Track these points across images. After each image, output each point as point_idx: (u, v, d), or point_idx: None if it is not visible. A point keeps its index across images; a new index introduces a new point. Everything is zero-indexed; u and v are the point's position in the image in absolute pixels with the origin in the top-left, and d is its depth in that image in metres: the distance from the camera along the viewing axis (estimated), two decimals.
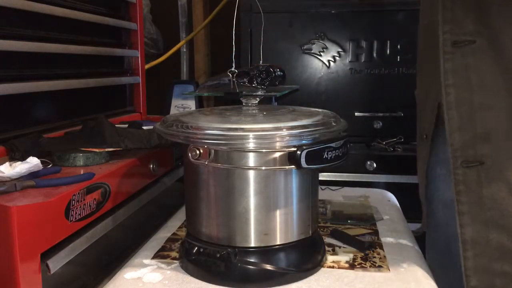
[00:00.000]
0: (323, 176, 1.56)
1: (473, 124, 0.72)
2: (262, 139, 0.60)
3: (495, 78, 0.71)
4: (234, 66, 0.73)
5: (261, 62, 0.80)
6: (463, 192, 0.73)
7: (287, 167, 0.62)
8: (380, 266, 0.70)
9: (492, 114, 0.71)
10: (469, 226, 0.73)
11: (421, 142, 0.91)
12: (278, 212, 0.65)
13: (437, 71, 0.75)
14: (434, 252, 0.79)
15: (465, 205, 0.73)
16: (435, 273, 0.72)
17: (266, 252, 0.65)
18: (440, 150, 0.81)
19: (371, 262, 0.71)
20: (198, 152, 0.63)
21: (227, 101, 1.62)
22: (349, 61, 1.56)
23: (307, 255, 0.68)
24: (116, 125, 0.96)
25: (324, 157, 0.62)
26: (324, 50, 1.56)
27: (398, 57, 1.54)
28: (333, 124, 0.66)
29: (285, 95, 1.36)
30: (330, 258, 0.72)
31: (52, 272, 0.61)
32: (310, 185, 0.68)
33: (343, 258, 0.72)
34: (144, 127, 0.97)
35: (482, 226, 0.72)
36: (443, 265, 0.77)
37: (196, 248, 0.67)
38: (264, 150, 0.62)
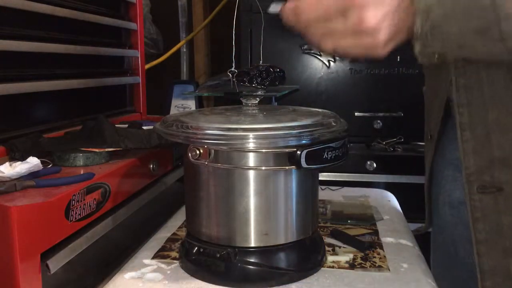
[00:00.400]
0: (323, 176, 1.55)
1: (490, 146, 0.67)
2: (262, 139, 0.60)
3: (509, 94, 0.66)
4: (234, 66, 0.73)
5: (261, 62, 0.80)
6: (480, 219, 0.68)
7: (287, 167, 0.62)
8: (380, 266, 0.70)
9: (509, 135, 0.66)
10: (487, 256, 0.68)
11: (427, 142, 0.90)
12: (278, 212, 0.65)
13: (443, 71, 0.72)
14: (439, 253, 0.78)
15: (483, 233, 0.68)
16: (440, 274, 0.71)
17: (266, 252, 0.65)
18: (447, 151, 0.80)
19: (371, 262, 0.71)
20: (198, 152, 0.63)
21: (227, 101, 1.62)
22: (349, 61, 1.56)
23: (307, 255, 0.68)
24: (116, 125, 0.96)
25: (324, 157, 0.62)
26: None
27: (398, 57, 1.54)
28: (333, 124, 0.66)
29: (285, 95, 1.36)
30: (330, 258, 0.72)
31: (52, 272, 0.61)
32: (310, 185, 0.68)
33: (343, 258, 0.72)
34: (144, 127, 0.97)
35: (502, 256, 0.68)
36: (448, 266, 0.76)
37: (196, 248, 0.67)
38: (264, 150, 0.62)
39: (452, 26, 0.51)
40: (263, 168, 0.63)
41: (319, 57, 1.57)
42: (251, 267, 0.64)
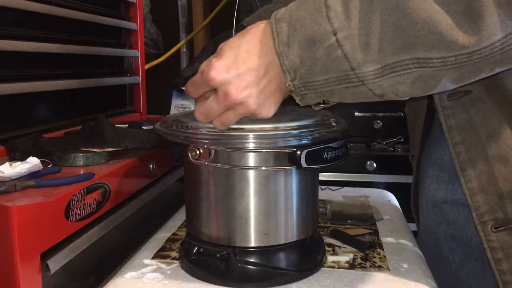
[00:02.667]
0: (323, 176, 1.55)
1: (495, 182, 0.66)
2: (262, 139, 0.60)
3: (503, 127, 0.66)
4: None
5: None
6: (503, 260, 0.67)
7: (287, 167, 0.62)
8: (380, 266, 0.70)
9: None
10: None
11: (411, 160, 0.91)
12: (278, 212, 0.65)
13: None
14: (424, 252, 0.79)
15: (508, 275, 0.67)
16: None
17: (266, 252, 0.65)
18: (432, 151, 0.81)
19: (371, 262, 0.71)
20: (198, 152, 0.63)
21: None
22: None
23: (307, 255, 0.68)
24: (116, 125, 0.96)
25: (324, 157, 0.62)
26: None
27: None
28: (333, 124, 0.66)
29: None
30: (330, 258, 0.72)
31: (52, 272, 0.61)
32: (310, 185, 0.68)
33: (343, 258, 0.72)
34: (144, 127, 0.97)
35: None
36: (433, 265, 0.77)
37: (196, 248, 0.67)
38: (264, 150, 0.62)
39: (317, 79, 0.56)
40: (263, 168, 0.63)
41: None
42: (251, 267, 0.64)
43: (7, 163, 0.68)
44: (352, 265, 0.70)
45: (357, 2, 0.53)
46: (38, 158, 0.70)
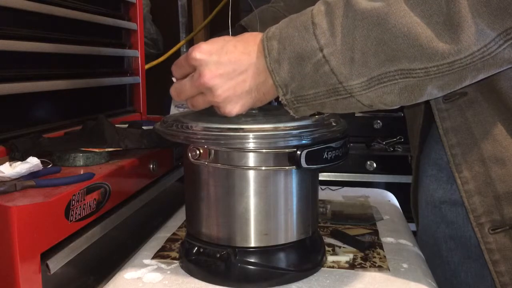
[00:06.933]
0: (323, 176, 1.56)
1: (492, 183, 0.66)
2: (262, 139, 0.60)
3: (499, 128, 0.66)
4: None
5: None
6: (500, 261, 0.67)
7: (287, 167, 0.62)
8: (380, 266, 0.70)
9: (509, 169, 0.66)
10: None
11: (411, 160, 0.91)
12: (278, 212, 0.65)
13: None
14: (424, 252, 0.79)
15: (506, 276, 0.67)
16: None
17: (266, 252, 0.65)
18: (431, 150, 0.81)
19: (371, 262, 0.71)
20: (198, 152, 0.63)
21: None
22: None
23: (307, 255, 0.68)
24: (116, 125, 0.95)
25: (324, 157, 0.62)
26: None
27: None
28: (333, 124, 0.66)
29: None
30: (330, 258, 0.72)
31: (52, 272, 0.61)
32: (310, 185, 0.68)
33: (343, 258, 0.72)
34: (144, 127, 0.97)
35: None
36: (432, 265, 0.77)
37: (196, 248, 0.67)
38: (264, 150, 0.62)
39: (307, 93, 0.58)
40: (263, 168, 0.63)
41: None
42: (251, 267, 0.64)
43: (7, 163, 0.68)
44: (352, 265, 0.70)
45: (341, 19, 0.55)
46: (38, 158, 0.70)
